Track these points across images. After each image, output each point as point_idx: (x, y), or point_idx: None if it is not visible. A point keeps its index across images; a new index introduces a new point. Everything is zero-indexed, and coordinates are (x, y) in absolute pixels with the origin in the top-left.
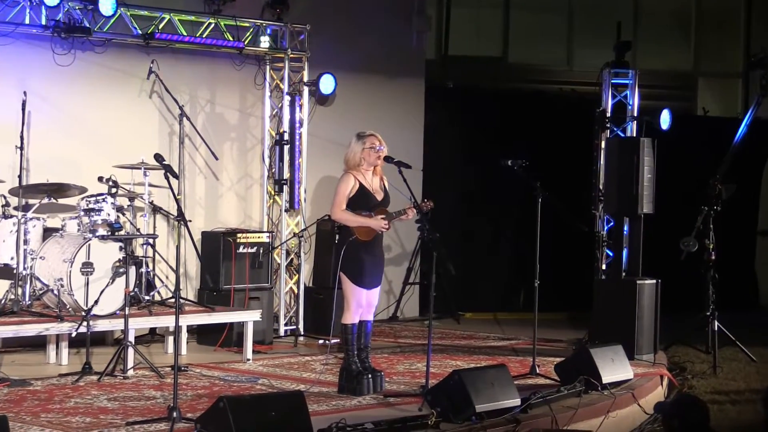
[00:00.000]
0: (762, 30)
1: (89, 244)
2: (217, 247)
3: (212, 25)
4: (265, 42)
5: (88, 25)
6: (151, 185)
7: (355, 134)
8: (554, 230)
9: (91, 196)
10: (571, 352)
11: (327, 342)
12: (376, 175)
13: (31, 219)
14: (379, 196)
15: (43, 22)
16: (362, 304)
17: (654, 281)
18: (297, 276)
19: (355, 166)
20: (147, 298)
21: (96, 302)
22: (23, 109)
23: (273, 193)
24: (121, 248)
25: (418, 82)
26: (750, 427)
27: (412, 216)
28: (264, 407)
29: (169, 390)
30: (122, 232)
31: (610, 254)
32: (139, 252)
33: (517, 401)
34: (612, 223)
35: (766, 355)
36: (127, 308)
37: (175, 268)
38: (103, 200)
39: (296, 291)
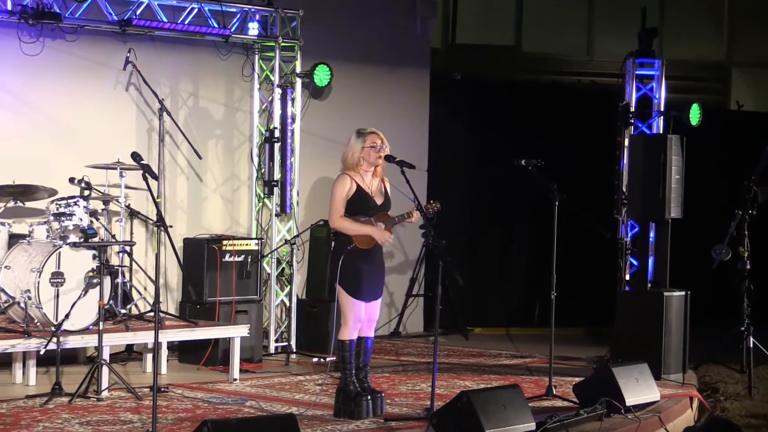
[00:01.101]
0: None
1: (59, 252)
2: (201, 256)
3: (195, 11)
4: (253, 29)
5: (58, 11)
6: (127, 187)
7: (354, 131)
8: (573, 237)
9: (62, 199)
10: (592, 371)
11: (322, 360)
12: (376, 176)
13: None
14: (379, 200)
15: (9, 7)
16: (361, 318)
17: (683, 293)
18: (289, 287)
19: (353, 167)
20: (123, 311)
21: (67, 316)
22: None
23: (262, 195)
24: (94, 256)
25: (422, 73)
26: None
27: (416, 219)
28: None
29: (147, 413)
30: (96, 239)
31: (635, 263)
32: (114, 261)
33: (531, 425)
34: (636, 229)
35: None
36: (101, 323)
37: (154, 279)
38: (75, 203)
39: (288, 304)
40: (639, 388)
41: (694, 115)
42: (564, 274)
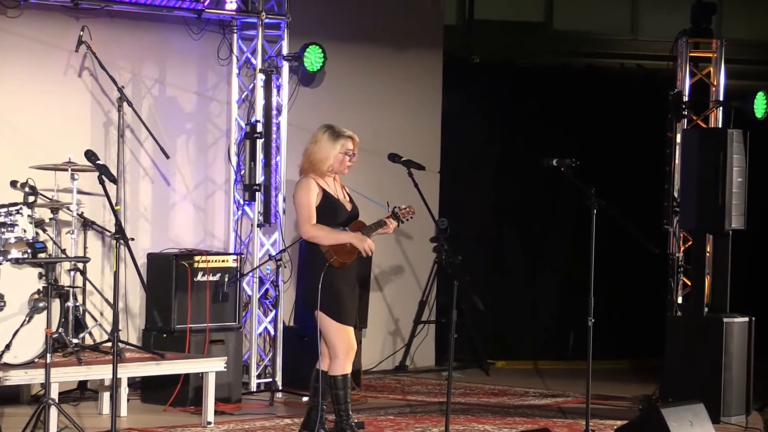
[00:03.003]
0: None
1: None
2: (168, 274)
3: None
4: (231, 2)
5: None
6: (80, 192)
7: (324, 126)
8: (614, 252)
9: (2, 206)
10: (637, 413)
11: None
12: (336, 181)
13: None
14: (349, 205)
15: None
16: (353, 345)
17: (746, 319)
18: (274, 312)
19: (318, 169)
20: (75, 341)
21: (7, 347)
22: None
23: (242, 202)
24: (41, 275)
25: (434, 55)
26: None
27: (393, 228)
28: None
29: None
30: (44, 255)
31: (688, 283)
32: (65, 280)
33: None
34: (691, 243)
35: None
36: (48, 355)
37: (112, 302)
38: (17, 212)
39: (273, 332)
40: None
41: (760, 105)
42: (603, 296)
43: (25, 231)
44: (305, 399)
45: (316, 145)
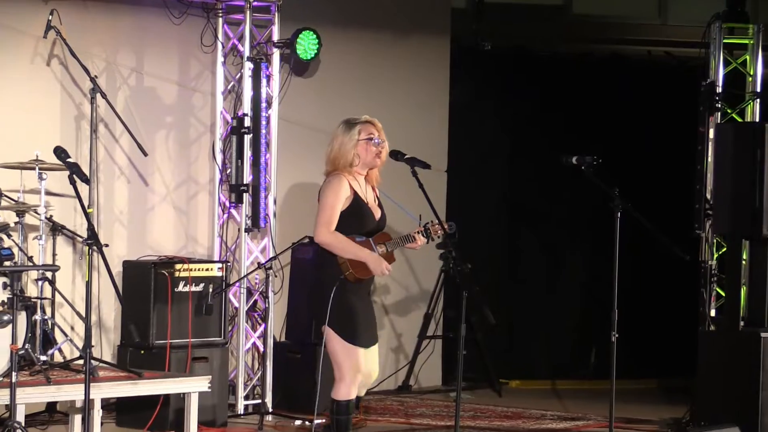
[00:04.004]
0: None
1: None
2: (146, 284)
3: None
4: None
5: None
6: (49, 193)
7: (341, 122)
8: (639, 259)
9: None
10: None
11: (307, 423)
12: (368, 183)
13: None
14: (378, 213)
15: None
16: (361, 368)
17: None
18: (263, 326)
19: (346, 167)
20: (44, 358)
21: None
22: None
23: (228, 204)
24: (5, 285)
25: (440, 42)
26: None
27: (421, 244)
28: None
29: None
30: (8, 263)
31: (722, 294)
32: (31, 291)
33: None
34: (725, 249)
35: None
36: (13, 373)
37: (84, 315)
38: None
39: (262, 348)
40: None
41: None
42: (628, 308)
43: None
44: (298, 423)
45: (334, 142)
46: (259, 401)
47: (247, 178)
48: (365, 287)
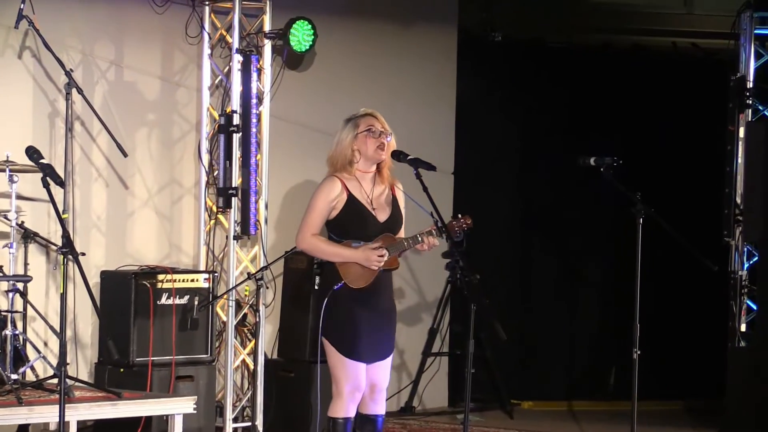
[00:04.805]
0: None
1: None
2: (126, 297)
3: None
4: None
5: None
6: (20, 197)
7: (343, 120)
8: (663, 270)
9: None
10: None
11: None
12: (381, 182)
13: None
14: (383, 214)
15: None
16: (361, 386)
17: None
18: (253, 342)
19: (346, 167)
20: (14, 377)
21: None
22: None
23: (215, 209)
24: None
25: (447, 32)
26: None
27: (433, 245)
28: None
29: None
30: None
31: (753, 307)
32: (1, 304)
33: None
34: (756, 258)
35: None
36: None
37: (58, 330)
38: None
39: (252, 366)
40: None
41: None
42: (651, 323)
43: None
44: None
45: (334, 140)
46: (249, 424)
47: (236, 180)
48: (376, 295)
